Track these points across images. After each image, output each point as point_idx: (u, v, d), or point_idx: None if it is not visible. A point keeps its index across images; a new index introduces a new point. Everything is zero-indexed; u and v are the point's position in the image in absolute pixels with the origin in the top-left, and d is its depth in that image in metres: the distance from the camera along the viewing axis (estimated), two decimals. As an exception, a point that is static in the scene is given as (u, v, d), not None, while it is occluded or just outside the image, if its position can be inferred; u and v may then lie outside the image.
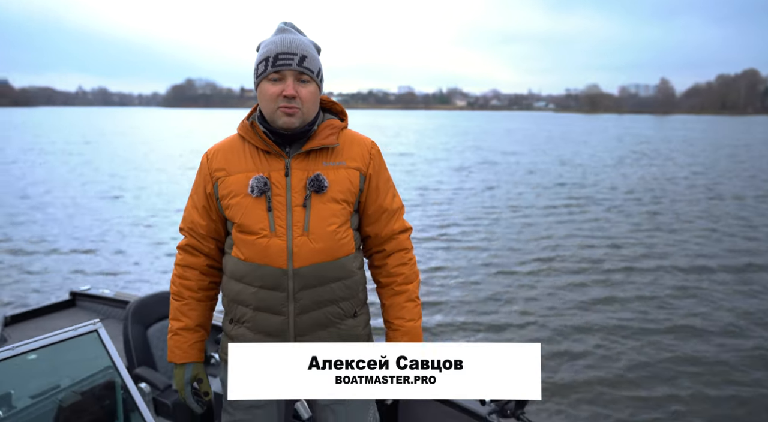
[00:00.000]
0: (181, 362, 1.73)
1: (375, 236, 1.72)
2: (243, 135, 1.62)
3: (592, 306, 6.52)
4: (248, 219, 1.56)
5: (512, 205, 13.47)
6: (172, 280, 1.76)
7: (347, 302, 1.64)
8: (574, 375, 4.81)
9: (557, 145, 36.47)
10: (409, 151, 30.51)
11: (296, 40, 1.55)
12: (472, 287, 7.34)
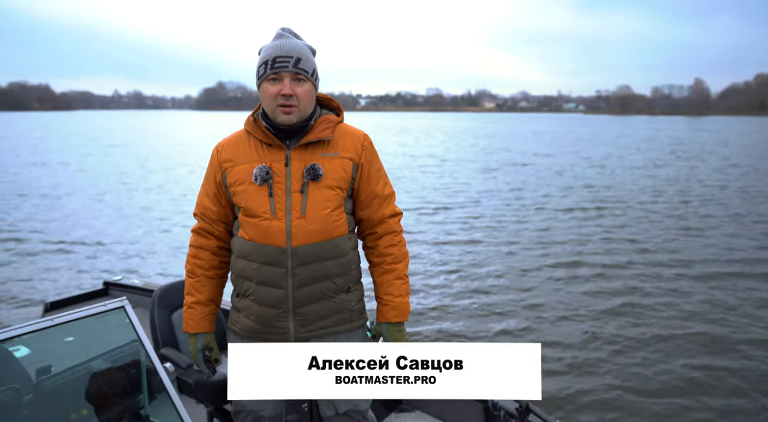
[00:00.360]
0: (194, 332, 1.93)
1: (367, 219, 1.89)
2: (249, 130, 1.82)
3: (613, 308, 6.52)
4: (252, 203, 1.74)
5: (538, 207, 13.42)
6: (186, 260, 1.95)
7: (341, 278, 1.81)
8: (591, 382, 4.82)
9: (585, 146, 35.97)
10: (436, 153, 30.58)
11: (292, 45, 1.74)
12: (494, 287, 7.41)
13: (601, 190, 16.32)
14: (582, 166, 23.31)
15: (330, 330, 1.83)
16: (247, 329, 1.82)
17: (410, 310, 1.92)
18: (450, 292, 7.20)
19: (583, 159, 26.54)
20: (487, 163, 24.86)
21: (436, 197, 15.13)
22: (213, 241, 1.90)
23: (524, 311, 6.48)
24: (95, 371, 2.18)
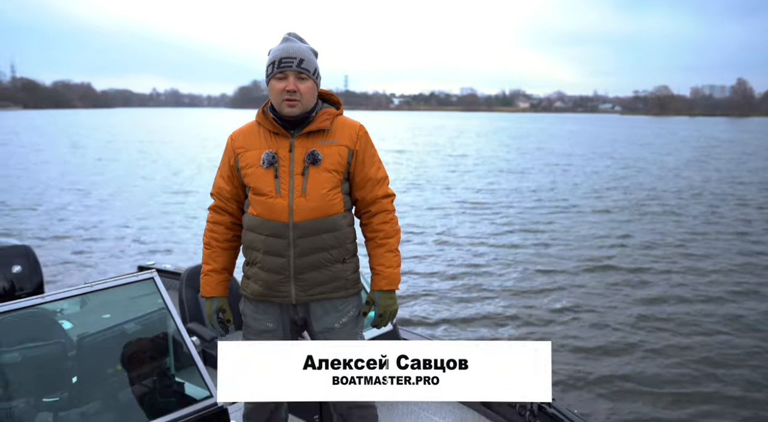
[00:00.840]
0: (210, 296, 2.18)
1: (362, 199, 2.12)
2: (259, 121, 2.08)
3: (640, 309, 6.55)
4: (260, 184, 2.00)
5: (569, 206, 13.42)
6: (204, 234, 2.21)
7: (336, 250, 2.04)
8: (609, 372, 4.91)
9: (619, 147, 35.36)
10: (468, 153, 30.55)
11: (296, 47, 2.00)
12: (522, 284, 7.51)
13: (636, 191, 16.12)
14: (615, 167, 22.97)
15: (328, 295, 2.05)
16: (255, 293, 2.07)
17: (400, 280, 2.14)
18: (468, 290, 7.32)
19: (617, 160, 26.14)
20: (520, 164, 24.75)
21: (467, 196, 15.23)
22: (227, 217, 2.15)
23: (543, 311, 6.56)
24: (127, 333, 2.47)
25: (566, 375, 4.97)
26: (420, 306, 6.70)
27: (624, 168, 22.67)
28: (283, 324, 2.11)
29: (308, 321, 2.11)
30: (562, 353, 5.38)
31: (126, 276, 2.52)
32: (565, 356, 5.33)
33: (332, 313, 2.09)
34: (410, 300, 6.95)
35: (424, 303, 6.83)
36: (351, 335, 2.12)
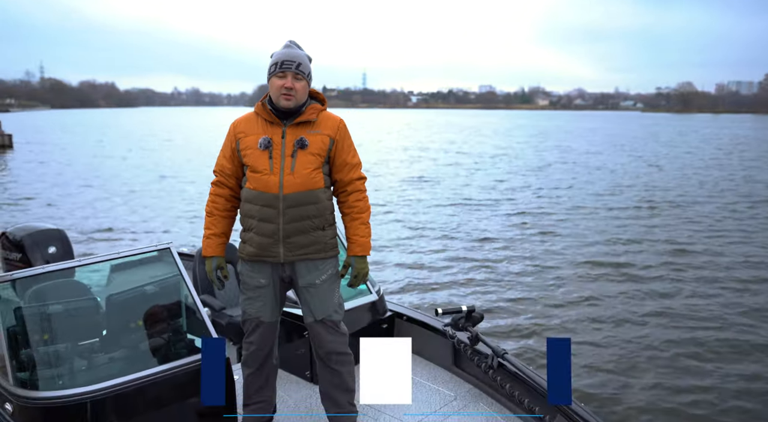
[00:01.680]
0: (211, 255, 2.61)
1: (340, 181, 2.55)
2: (257, 111, 2.51)
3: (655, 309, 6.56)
4: (256, 163, 2.42)
5: (585, 206, 13.40)
6: (206, 204, 2.59)
7: (318, 219, 2.47)
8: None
9: (637, 145, 35.00)
10: (485, 151, 30.71)
11: (296, 53, 2.44)
12: (543, 282, 7.58)
13: (653, 189, 15.96)
14: (634, 164, 22.74)
15: (310, 256, 2.49)
16: (251, 254, 2.52)
17: (371, 247, 2.58)
18: (488, 287, 7.43)
19: (636, 157, 25.85)
20: (538, 161, 24.86)
21: (479, 194, 15.37)
22: (227, 190, 2.60)
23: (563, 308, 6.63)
24: (148, 294, 2.95)
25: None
26: (431, 293, 7.02)
27: (642, 165, 22.37)
28: (273, 280, 2.55)
29: (294, 278, 2.55)
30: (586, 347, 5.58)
31: (147, 247, 2.99)
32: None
33: (314, 271, 2.53)
34: (414, 290, 7.30)
35: (436, 290, 7.17)
36: (330, 291, 2.56)
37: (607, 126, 67.93)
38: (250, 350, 2.65)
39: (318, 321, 2.55)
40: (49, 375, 2.61)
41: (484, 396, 3.09)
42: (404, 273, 8.05)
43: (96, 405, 2.46)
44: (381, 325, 3.69)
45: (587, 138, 42.43)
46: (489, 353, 3.00)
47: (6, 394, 2.57)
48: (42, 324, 2.75)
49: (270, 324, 2.60)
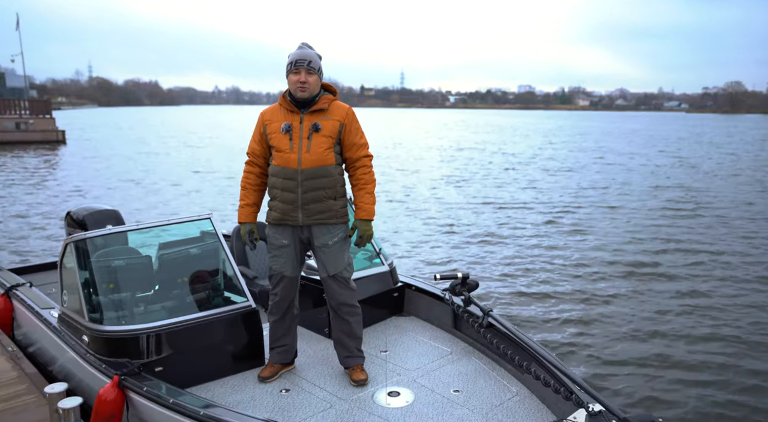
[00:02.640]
0: (245, 221, 3.19)
1: (349, 158, 3.08)
2: (281, 102, 3.06)
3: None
4: (279, 144, 2.98)
5: (619, 207, 13.12)
6: (241, 180, 3.23)
7: (330, 190, 3.00)
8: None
9: (680, 146, 34.12)
10: (519, 151, 30.70)
11: (307, 52, 2.96)
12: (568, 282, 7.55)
13: (692, 191, 15.48)
14: (675, 166, 22.15)
15: (324, 221, 3.01)
16: (275, 219, 3.04)
17: (375, 213, 3.09)
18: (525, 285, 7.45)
19: (679, 159, 25.13)
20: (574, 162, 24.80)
21: (514, 194, 15.36)
22: (257, 169, 3.16)
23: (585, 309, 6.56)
24: (191, 255, 3.52)
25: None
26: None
27: (682, 167, 21.83)
28: (293, 241, 3.08)
29: (310, 239, 3.07)
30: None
31: (190, 215, 3.57)
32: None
33: (327, 234, 3.04)
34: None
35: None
36: (340, 251, 3.08)
37: (649, 127, 66.21)
38: (275, 300, 3.18)
39: (331, 277, 3.07)
40: (113, 315, 3.21)
41: (476, 352, 3.55)
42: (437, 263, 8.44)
43: (148, 339, 3.05)
44: (393, 294, 4.18)
45: (627, 139, 41.53)
46: (480, 314, 3.45)
47: (83, 329, 3.19)
48: (108, 277, 3.35)
49: (292, 278, 3.13)
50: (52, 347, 3.65)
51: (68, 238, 3.40)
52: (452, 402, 2.95)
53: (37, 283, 4.67)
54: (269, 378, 3.21)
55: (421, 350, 3.61)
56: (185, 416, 2.57)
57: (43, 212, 12.22)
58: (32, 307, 3.97)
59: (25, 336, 4.23)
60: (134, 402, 2.82)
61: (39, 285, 4.71)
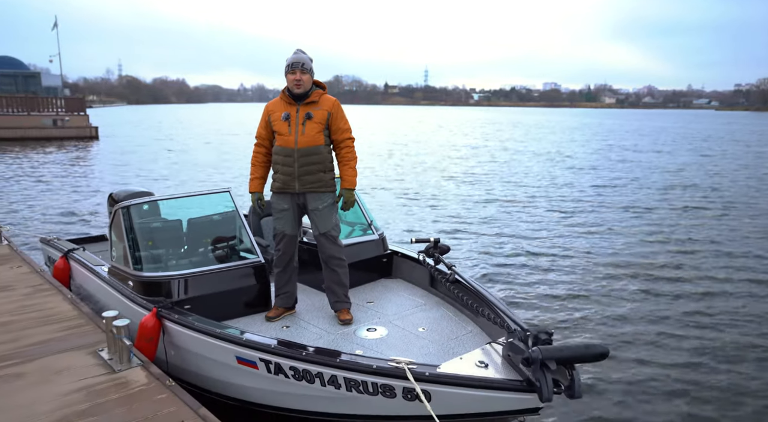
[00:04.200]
0: (254, 191, 4.02)
1: (336, 140, 3.89)
2: (281, 97, 3.86)
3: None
4: (280, 129, 3.78)
5: (639, 207, 12.95)
6: (251, 158, 4.01)
7: (320, 164, 3.81)
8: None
9: (710, 145, 33.42)
10: (544, 147, 30.95)
11: (301, 56, 3.76)
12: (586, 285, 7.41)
13: (718, 191, 15.16)
14: (701, 165, 21.85)
15: (316, 189, 3.80)
16: (278, 187, 3.84)
17: (356, 183, 3.90)
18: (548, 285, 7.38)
19: (708, 158, 24.58)
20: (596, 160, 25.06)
21: (535, 191, 15.47)
22: (263, 149, 3.96)
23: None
24: (213, 221, 4.35)
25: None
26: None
27: (710, 166, 21.57)
28: (292, 206, 3.88)
29: (305, 204, 3.86)
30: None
31: (213, 188, 4.39)
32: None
33: (317, 200, 3.84)
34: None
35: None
36: (329, 214, 3.89)
37: (676, 125, 65.33)
38: (279, 255, 3.99)
39: (322, 234, 3.87)
40: (152, 265, 4.07)
41: (445, 303, 4.30)
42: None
43: (178, 283, 3.88)
44: (382, 259, 4.95)
45: (653, 137, 41.13)
46: (447, 271, 4.20)
47: (129, 275, 4.06)
48: (148, 236, 4.21)
49: (291, 236, 3.93)
50: (102, 293, 4.52)
51: (117, 205, 4.25)
52: (417, 337, 3.71)
53: (88, 250, 5.58)
54: (274, 319, 4.02)
55: (400, 301, 4.37)
56: (207, 335, 3.38)
57: (88, 195, 13.96)
58: (86, 264, 4.87)
59: (80, 287, 5.13)
60: (168, 328, 3.66)
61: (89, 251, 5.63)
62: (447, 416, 2.86)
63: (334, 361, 2.99)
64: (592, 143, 34.05)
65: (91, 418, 2.93)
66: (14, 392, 3.20)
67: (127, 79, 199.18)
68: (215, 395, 3.70)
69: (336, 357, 3.02)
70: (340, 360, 2.99)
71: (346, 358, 3.01)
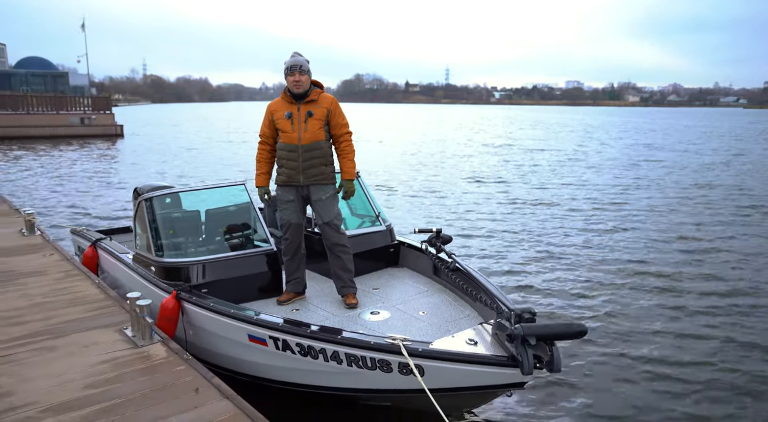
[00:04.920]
0: (260, 185, 4.32)
1: (335, 135, 4.19)
2: (282, 97, 4.16)
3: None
4: (284, 127, 4.07)
5: (663, 208, 12.65)
6: (256, 155, 4.31)
7: (322, 158, 4.11)
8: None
9: (739, 145, 32.77)
10: (565, 147, 30.83)
11: (299, 59, 4.05)
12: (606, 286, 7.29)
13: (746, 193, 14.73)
14: (725, 165, 21.48)
15: (319, 181, 4.09)
16: (283, 181, 4.14)
17: (355, 174, 4.20)
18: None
19: (732, 157, 24.11)
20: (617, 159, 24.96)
21: (556, 189, 15.52)
22: (267, 146, 4.25)
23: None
24: (229, 212, 4.65)
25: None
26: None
27: (735, 166, 21.16)
28: (297, 197, 4.17)
29: (309, 196, 4.16)
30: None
31: (229, 181, 4.70)
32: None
33: (320, 192, 4.13)
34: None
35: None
36: (331, 204, 4.18)
37: (701, 123, 64.15)
38: (287, 243, 4.28)
39: (326, 223, 4.15)
40: (172, 252, 4.39)
41: (447, 290, 4.55)
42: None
43: (196, 268, 4.19)
44: (389, 249, 5.21)
45: (676, 136, 40.59)
46: (448, 260, 4.44)
47: (151, 261, 4.39)
48: (169, 225, 4.53)
49: (297, 224, 4.23)
50: (127, 278, 4.86)
51: (141, 197, 4.59)
52: (417, 319, 3.97)
53: (114, 240, 5.95)
54: (285, 302, 4.31)
55: (404, 288, 4.63)
56: (222, 315, 3.68)
57: (113, 189, 14.60)
58: (113, 252, 5.22)
59: (107, 273, 5.50)
60: (186, 309, 3.97)
61: (115, 240, 6.00)
62: (439, 389, 3.11)
63: (335, 338, 3.27)
64: (621, 141, 33.79)
65: (116, 384, 3.25)
66: (49, 362, 3.54)
67: (151, 78, 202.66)
68: (229, 372, 4.01)
69: (338, 334, 3.30)
70: (341, 336, 3.26)
71: (346, 335, 3.28)
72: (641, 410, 4.31)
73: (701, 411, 4.33)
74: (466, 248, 8.91)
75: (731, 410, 4.37)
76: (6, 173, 17.28)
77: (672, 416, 4.25)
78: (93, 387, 3.22)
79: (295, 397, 3.96)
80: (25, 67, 51.35)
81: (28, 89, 42.58)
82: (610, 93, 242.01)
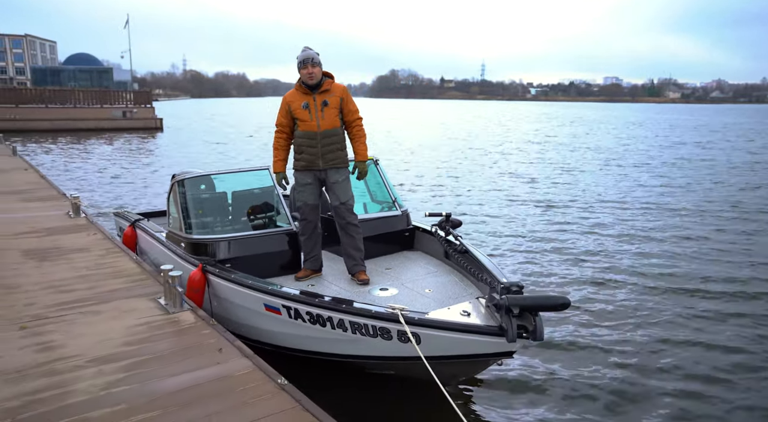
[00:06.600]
0: (278, 171, 4.67)
1: (347, 121, 4.54)
2: (297, 88, 4.49)
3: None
4: (303, 116, 4.42)
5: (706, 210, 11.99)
6: (273, 143, 4.64)
7: (338, 144, 4.48)
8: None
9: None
10: (603, 144, 30.41)
11: (310, 53, 4.39)
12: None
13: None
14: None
15: (335, 165, 4.46)
16: (302, 166, 4.51)
17: (368, 156, 4.57)
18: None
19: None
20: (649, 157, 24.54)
21: (593, 188, 15.47)
22: (284, 135, 4.60)
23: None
24: (254, 194, 5.06)
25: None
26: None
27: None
28: (314, 180, 4.55)
29: (326, 179, 4.53)
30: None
31: (254, 166, 5.11)
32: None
33: (337, 174, 4.51)
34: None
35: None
36: (346, 186, 4.55)
37: (745, 120, 61.82)
38: (304, 224, 4.66)
39: (342, 203, 4.52)
40: (201, 230, 4.81)
41: (455, 271, 4.85)
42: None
43: (221, 244, 4.60)
44: (404, 233, 5.53)
45: (720, 134, 39.01)
46: (456, 243, 4.74)
47: (181, 238, 4.82)
48: (199, 205, 4.96)
49: (313, 205, 4.61)
50: (160, 254, 5.34)
51: (174, 179, 5.03)
52: (423, 296, 4.28)
53: (151, 221, 6.46)
54: (303, 278, 4.69)
55: (415, 269, 4.95)
56: (242, 285, 4.08)
57: (153, 178, 15.60)
58: (149, 231, 5.71)
59: (144, 250, 6.00)
60: (212, 281, 4.39)
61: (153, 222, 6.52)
62: (434, 357, 3.42)
63: (340, 306, 3.62)
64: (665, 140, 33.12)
65: (150, 343, 3.69)
66: (94, 323, 4.02)
67: (190, 73, 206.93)
68: (249, 340, 4.41)
69: (343, 303, 3.65)
70: (346, 305, 3.61)
71: (351, 304, 3.62)
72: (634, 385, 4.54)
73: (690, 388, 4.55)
74: (502, 240, 9.08)
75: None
76: (56, 162, 18.49)
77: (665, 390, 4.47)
78: (129, 345, 3.67)
79: (307, 364, 4.34)
80: (73, 63, 53.53)
81: (76, 84, 44.43)
82: (650, 89, 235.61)
